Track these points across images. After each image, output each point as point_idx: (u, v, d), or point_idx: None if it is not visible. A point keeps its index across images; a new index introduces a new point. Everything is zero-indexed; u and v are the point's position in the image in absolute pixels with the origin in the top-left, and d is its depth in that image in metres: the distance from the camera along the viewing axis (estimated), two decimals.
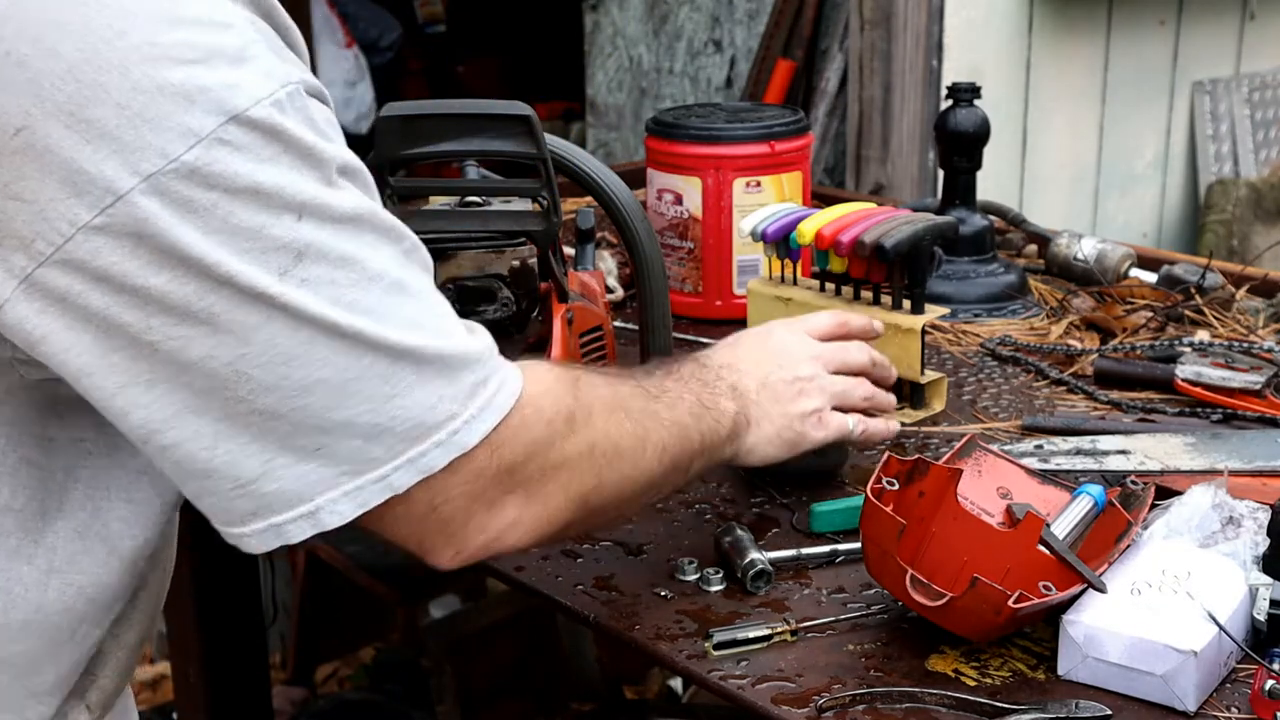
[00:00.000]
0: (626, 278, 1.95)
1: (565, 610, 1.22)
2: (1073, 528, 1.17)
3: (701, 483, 1.42)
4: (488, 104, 1.39)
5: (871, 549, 1.12)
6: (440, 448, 0.93)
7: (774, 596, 1.20)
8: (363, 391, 0.90)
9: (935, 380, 1.58)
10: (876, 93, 3.11)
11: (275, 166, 0.86)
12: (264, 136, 0.86)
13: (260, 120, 0.85)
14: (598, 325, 1.48)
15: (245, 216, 0.85)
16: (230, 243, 0.85)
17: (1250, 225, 3.55)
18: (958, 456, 1.24)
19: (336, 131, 0.93)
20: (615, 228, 1.42)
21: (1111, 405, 1.59)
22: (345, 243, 0.89)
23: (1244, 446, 1.42)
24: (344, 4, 5.15)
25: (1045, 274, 2.02)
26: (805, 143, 1.89)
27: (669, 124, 1.88)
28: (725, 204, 1.84)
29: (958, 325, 1.83)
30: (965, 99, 1.91)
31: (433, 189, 1.46)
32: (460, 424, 0.94)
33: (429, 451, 0.93)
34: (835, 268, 1.58)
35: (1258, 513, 1.22)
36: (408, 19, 5.68)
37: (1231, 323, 1.77)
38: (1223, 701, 1.05)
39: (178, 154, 0.83)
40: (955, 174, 1.94)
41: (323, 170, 0.89)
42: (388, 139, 1.34)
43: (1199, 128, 3.65)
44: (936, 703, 1.04)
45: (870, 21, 3.08)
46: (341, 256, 0.89)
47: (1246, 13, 3.67)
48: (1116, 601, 1.07)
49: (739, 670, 1.10)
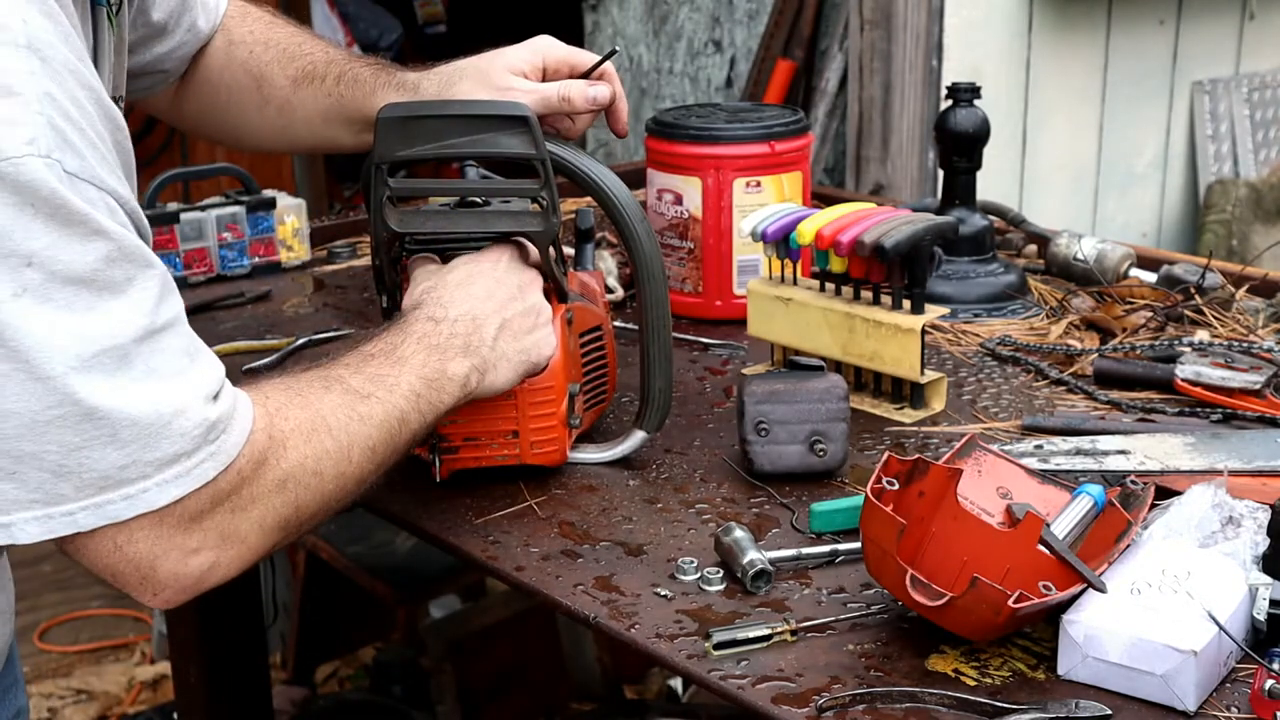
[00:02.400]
0: (626, 278, 1.95)
1: (565, 610, 1.22)
2: (1073, 528, 1.17)
3: (702, 483, 1.42)
4: (487, 104, 1.39)
5: (871, 549, 1.12)
6: (128, 501, 1.01)
7: (774, 596, 1.20)
8: (50, 435, 0.97)
9: (935, 380, 1.58)
10: (876, 93, 3.11)
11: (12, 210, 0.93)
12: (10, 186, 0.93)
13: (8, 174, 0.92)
14: (598, 325, 1.48)
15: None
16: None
17: (1250, 225, 3.55)
18: (958, 456, 1.24)
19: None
20: (615, 228, 1.42)
21: (1111, 405, 1.59)
22: (73, 297, 0.96)
23: (1244, 446, 1.42)
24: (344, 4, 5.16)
25: (1045, 274, 2.02)
26: (805, 143, 1.89)
27: (669, 124, 1.88)
28: (725, 204, 1.84)
29: (958, 325, 1.83)
30: (965, 99, 1.91)
31: (433, 189, 1.46)
32: (151, 485, 1.01)
33: (116, 502, 1.00)
34: (835, 268, 1.58)
35: (1257, 513, 1.22)
36: (408, 19, 5.68)
37: (1231, 323, 1.77)
38: (1223, 701, 1.05)
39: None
40: (955, 174, 1.94)
41: (71, 227, 0.95)
42: (387, 139, 1.34)
43: (1199, 128, 3.66)
44: (936, 703, 1.04)
45: (870, 21, 3.08)
46: (68, 305, 0.96)
47: (1246, 13, 3.67)
48: (1116, 601, 1.07)
49: (739, 670, 1.10)
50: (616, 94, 1.47)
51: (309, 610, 3.11)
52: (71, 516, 0.99)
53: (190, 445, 1.02)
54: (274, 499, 1.09)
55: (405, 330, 1.27)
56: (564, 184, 1.41)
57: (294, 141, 1.59)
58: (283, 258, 2.10)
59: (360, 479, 1.18)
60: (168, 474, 1.01)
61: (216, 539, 1.06)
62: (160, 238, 2.00)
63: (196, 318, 1.90)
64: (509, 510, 1.37)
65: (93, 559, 1.03)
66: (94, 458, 0.98)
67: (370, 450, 1.17)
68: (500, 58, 1.46)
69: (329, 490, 1.14)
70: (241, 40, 1.57)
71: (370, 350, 1.24)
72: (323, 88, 1.52)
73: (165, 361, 1.01)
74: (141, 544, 1.03)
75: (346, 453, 1.15)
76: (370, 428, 1.17)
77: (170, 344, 1.02)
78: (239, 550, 1.08)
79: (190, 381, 1.03)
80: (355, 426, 1.16)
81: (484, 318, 1.31)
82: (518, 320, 1.34)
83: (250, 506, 1.08)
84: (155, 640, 3.25)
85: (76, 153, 0.96)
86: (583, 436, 1.48)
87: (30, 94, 0.94)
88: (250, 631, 2.26)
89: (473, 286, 1.33)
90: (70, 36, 1.01)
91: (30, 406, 0.95)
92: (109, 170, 0.99)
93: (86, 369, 0.96)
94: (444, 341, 1.27)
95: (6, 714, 1.29)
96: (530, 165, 1.34)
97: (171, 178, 2.08)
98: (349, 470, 1.15)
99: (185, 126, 1.67)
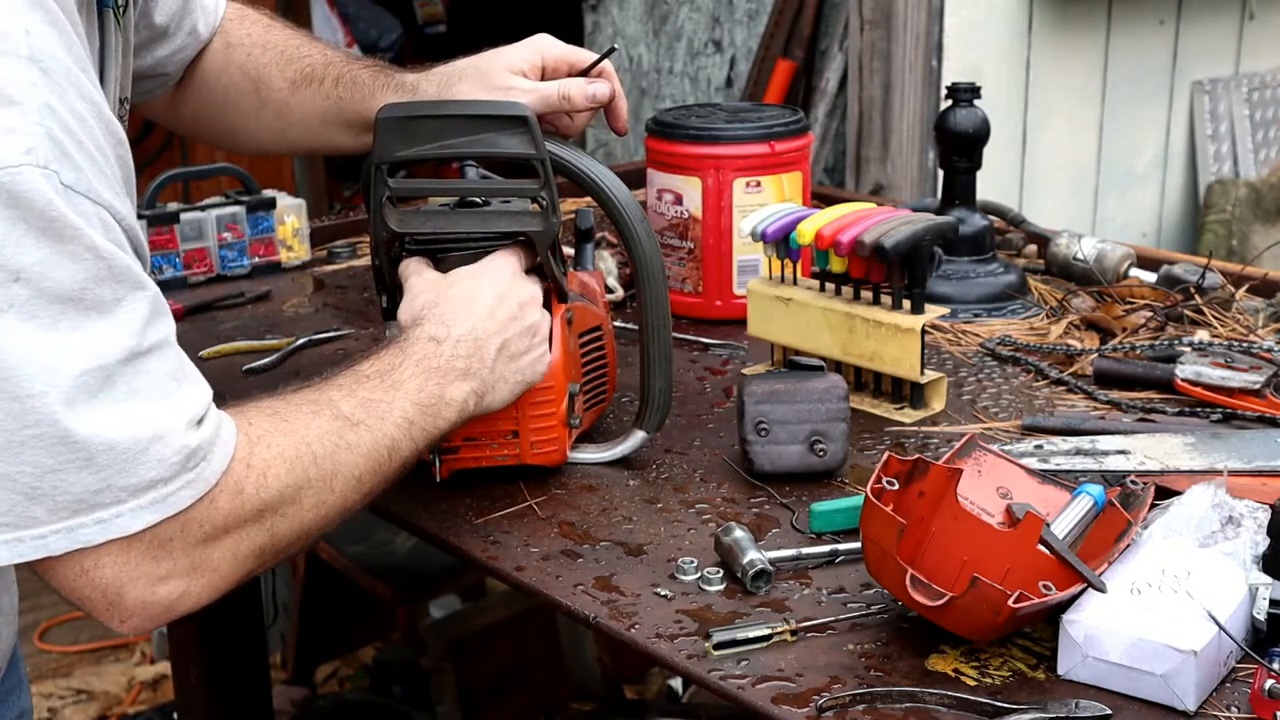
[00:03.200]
0: (626, 278, 1.95)
1: (565, 610, 1.22)
2: (1073, 528, 1.17)
3: (702, 483, 1.42)
4: (487, 104, 1.39)
5: (871, 549, 1.12)
6: (100, 525, 0.98)
7: (774, 596, 1.20)
8: (25, 456, 0.95)
9: (935, 380, 1.58)
10: (876, 93, 3.11)
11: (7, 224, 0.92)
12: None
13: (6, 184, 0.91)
14: (597, 325, 1.48)
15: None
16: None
17: (1250, 225, 3.55)
18: (958, 456, 1.24)
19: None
20: (615, 228, 1.42)
21: (1111, 405, 1.59)
22: (59, 315, 0.94)
23: (1244, 446, 1.42)
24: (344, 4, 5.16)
25: (1045, 274, 2.02)
26: (805, 143, 1.89)
27: (669, 124, 1.88)
28: (725, 204, 1.84)
29: (958, 325, 1.83)
30: (965, 99, 1.91)
31: (432, 189, 1.46)
32: (126, 510, 0.99)
33: (88, 526, 0.98)
34: (835, 268, 1.58)
35: (1257, 512, 1.22)
36: (408, 19, 5.68)
37: (1231, 323, 1.77)
38: (1223, 701, 1.05)
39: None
40: (955, 174, 1.94)
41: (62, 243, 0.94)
42: (387, 139, 1.34)
43: (1198, 128, 3.65)
44: (936, 703, 1.04)
45: (870, 21, 3.08)
46: (53, 324, 0.94)
47: (1246, 13, 3.67)
48: (1116, 601, 1.07)
49: (739, 670, 1.10)
50: (616, 91, 1.47)
51: (309, 610, 3.11)
52: (43, 540, 0.97)
53: (168, 472, 1.00)
54: (249, 528, 1.07)
55: (405, 351, 1.25)
56: (564, 184, 1.41)
57: (292, 144, 1.58)
58: (283, 258, 2.10)
59: (343, 508, 1.15)
60: (143, 500, 0.99)
61: (187, 567, 1.03)
62: (160, 238, 2.00)
63: (197, 318, 1.92)
64: (509, 510, 1.37)
65: (60, 582, 1.01)
66: (68, 481, 0.96)
67: (356, 480, 1.15)
68: (499, 57, 1.46)
69: (308, 519, 1.11)
70: (239, 43, 1.56)
71: (366, 371, 1.21)
72: (321, 90, 1.51)
73: (149, 384, 0.99)
74: (109, 569, 1.00)
75: (329, 482, 1.12)
76: (357, 456, 1.14)
77: (156, 367, 1.00)
78: (210, 579, 1.05)
79: (173, 406, 1.01)
80: (341, 455, 1.13)
81: (486, 338, 1.29)
82: (516, 340, 1.32)
83: (224, 535, 1.05)
84: (155, 640, 3.26)
85: (74, 165, 0.95)
86: (583, 436, 1.48)
87: (30, 104, 0.94)
88: (250, 631, 2.26)
89: (475, 303, 1.31)
90: (74, 45, 1.00)
91: (5, 426, 0.94)
92: (106, 185, 0.98)
93: (67, 390, 0.94)
94: (444, 364, 1.25)
95: (10, 715, 1.28)
96: (530, 165, 1.34)
97: (171, 178, 2.08)
98: (331, 500, 1.13)
99: (183, 130, 1.67)
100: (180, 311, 1.92)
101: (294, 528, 1.10)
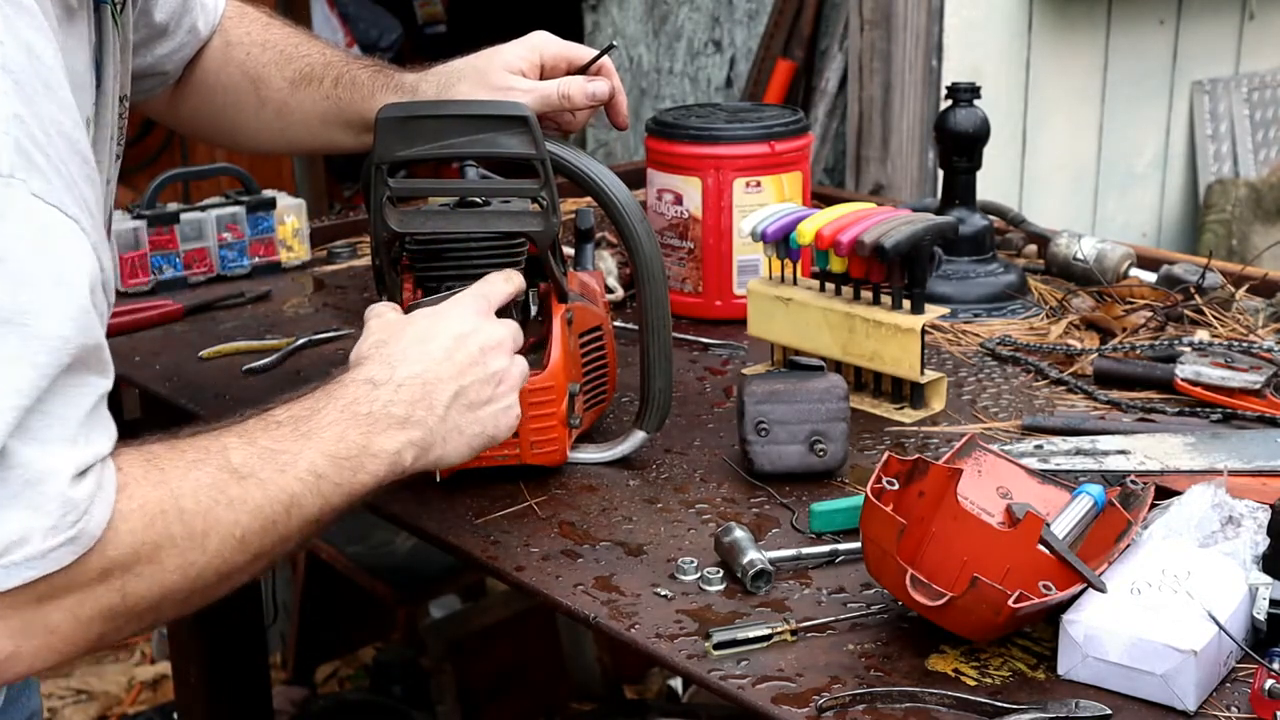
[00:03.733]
0: (626, 278, 1.95)
1: (565, 610, 1.22)
2: (1073, 528, 1.17)
3: (702, 483, 1.42)
4: (487, 104, 1.39)
5: (871, 549, 1.12)
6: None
7: (774, 596, 1.20)
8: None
9: (935, 380, 1.58)
10: (876, 93, 3.11)
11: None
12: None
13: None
14: (597, 325, 1.48)
15: None
16: None
17: (1250, 225, 3.55)
18: (958, 456, 1.24)
19: None
20: (615, 228, 1.42)
21: (1111, 405, 1.59)
22: None
23: (1244, 446, 1.42)
24: (344, 4, 5.16)
25: (1045, 274, 2.02)
26: (805, 143, 1.89)
27: (669, 124, 1.88)
28: (725, 204, 1.84)
29: (958, 325, 1.83)
30: (965, 99, 1.91)
31: (433, 189, 1.46)
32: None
33: None
34: (835, 268, 1.58)
35: (1257, 512, 1.22)
36: (408, 19, 5.68)
37: (1231, 322, 1.77)
38: (1223, 701, 1.05)
39: None
40: (955, 174, 1.95)
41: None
42: (387, 139, 1.34)
43: (1198, 128, 3.65)
44: (936, 703, 1.04)
45: (870, 21, 3.08)
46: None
47: (1246, 13, 3.67)
48: (1116, 601, 1.07)
49: (739, 670, 1.10)
50: (615, 88, 1.46)
51: (309, 610, 3.11)
52: None
53: (29, 532, 0.91)
54: (95, 588, 0.96)
55: (330, 394, 1.14)
56: (564, 184, 1.41)
57: (292, 143, 1.58)
58: (283, 258, 2.10)
59: (223, 570, 1.03)
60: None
61: (19, 626, 0.93)
62: (160, 238, 2.00)
63: (197, 318, 1.92)
64: (509, 510, 1.37)
65: None
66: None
67: (237, 540, 1.03)
68: (498, 56, 1.45)
69: (171, 581, 1.00)
70: (239, 41, 1.56)
71: (279, 416, 1.10)
72: (320, 90, 1.51)
73: (59, 418, 0.92)
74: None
75: (199, 541, 1.00)
76: (240, 513, 1.03)
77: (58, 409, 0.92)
78: (46, 640, 0.95)
79: (60, 457, 0.92)
80: (219, 512, 1.02)
81: (436, 383, 1.19)
82: (476, 388, 1.21)
83: (63, 594, 0.94)
84: (155, 640, 3.25)
85: (43, 176, 0.92)
86: (583, 436, 1.48)
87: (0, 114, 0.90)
88: (250, 631, 2.26)
89: (430, 344, 1.21)
90: (54, 54, 0.97)
91: None
92: (74, 199, 0.94)
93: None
94: (378, 410, 1.14)
95: (20, 715, 1.28)
96: (530, 165, 1.34)
97: (171, 178, 2.08)
98: (201, 560, 1.01)
99: (182, 128, 1.66)
100: (180, 312, 1.92)
101: (152, 589, 0.99)
